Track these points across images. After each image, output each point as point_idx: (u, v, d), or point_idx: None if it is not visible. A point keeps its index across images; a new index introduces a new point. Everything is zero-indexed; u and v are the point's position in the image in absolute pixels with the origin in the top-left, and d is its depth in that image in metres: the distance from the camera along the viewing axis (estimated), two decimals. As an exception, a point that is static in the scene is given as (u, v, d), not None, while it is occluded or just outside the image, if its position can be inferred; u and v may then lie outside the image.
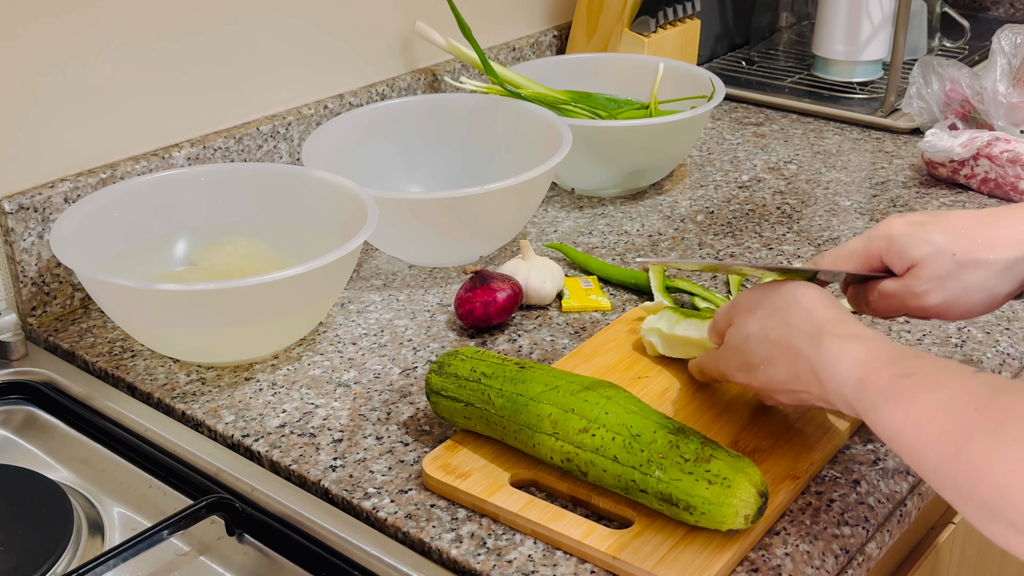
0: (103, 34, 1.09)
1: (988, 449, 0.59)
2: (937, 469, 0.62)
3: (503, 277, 1.05)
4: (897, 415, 0.66)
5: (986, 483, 0.58)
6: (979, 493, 0.59)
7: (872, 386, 0.69)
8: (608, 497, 0.80)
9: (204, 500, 0.82)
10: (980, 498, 0.59)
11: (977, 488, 0.59)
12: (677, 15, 1.57)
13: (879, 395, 0.68)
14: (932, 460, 0.62)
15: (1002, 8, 2.05)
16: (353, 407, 0.94)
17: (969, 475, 0.59)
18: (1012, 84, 1.37)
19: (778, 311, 0.79)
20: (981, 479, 0.58)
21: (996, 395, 0.61)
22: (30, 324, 1.07)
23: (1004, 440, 0.58)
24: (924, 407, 0.64)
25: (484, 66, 1.34)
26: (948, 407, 0.63)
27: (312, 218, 1.09)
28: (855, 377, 0.70)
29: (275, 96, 1.26)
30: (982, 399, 0.61)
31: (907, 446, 0.65)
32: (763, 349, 0.79)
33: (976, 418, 0.60)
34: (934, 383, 0.65)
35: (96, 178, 1.09)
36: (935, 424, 0.63)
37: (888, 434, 0.67)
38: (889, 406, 0.66)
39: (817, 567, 0.77)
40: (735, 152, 1.47)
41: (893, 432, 0.66)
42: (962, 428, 0.61)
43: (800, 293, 0.79)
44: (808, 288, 0.79)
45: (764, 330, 0.79)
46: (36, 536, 0.81)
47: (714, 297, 1.06)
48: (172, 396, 0.96)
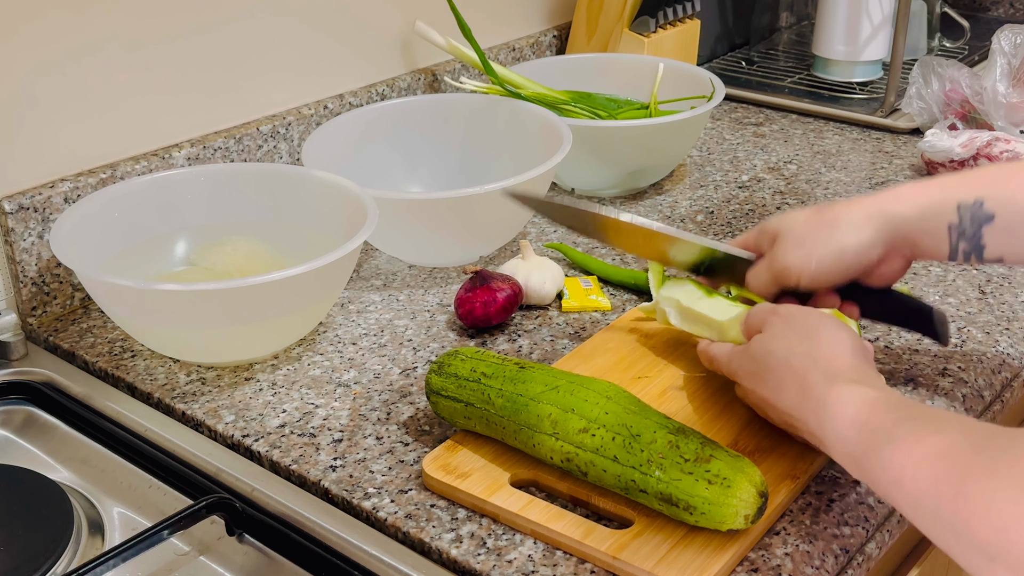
0: (103, 34, 1.09)
1: (986, 491, 0.58)
2: (936, 513, 0.62)
3: (503, 277, 1.05)
4: (898, 457, 0.65)
5: (984, 525, 0.58)
6: (977, 536, 0.58)
7: (877, 427, 0.69)
8: (608, 497, 0.80)
9: (204, 500, 0.82)
10: (978, 542, 0.58)
11: (975, 531, 0.58)
12: (677, 15, 1.57)
13: (883, 438, 0.67)
14: (930, 504, 0.62)
15: (1002, 8, 2.05)
16: (353, 407, 0.94)
17: (966, 518, 0.59)
18: (1012, 84, 1.37)
19: (807, 340, 0.79)
20: (979, 521, 0.58)
21: (995, 438, 0.61)
22: (30, 324, 1.07)
23: (1001, 482, 0.58)
24: (925, 450, 0.64)
25: (484, 66, 1.34)
26: (948, 451, 0.62)
27: (312, 218, 1.09)
28: (861, 420, 0.70)
29: (275, 96, 1.27)
30: (980, 441, 0.61)
31: (906, 491, 0.64)
32: (780, 371, 0.80)
33: (975, 460, 0.60)
34: (937, 426, 0.65)
35: (96, 178, 1.09)
36: (934, 468, 0.62)
37: (888, 478, 0.66)
38: (891, 448, 0.66)
39: (817, 567, 0.77)
40: (735, 152, 1.47)
41: (892, 476, 0.65)
42: (961, 470, 0.60)
43: (834, 332, 0.80)
44: (845, 331, 0.80)
45: (788, 354, 0.79)
46: (36, 536, 0.81)
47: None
48: (172, 396, 0.96)
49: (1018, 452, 0.58)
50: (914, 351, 1.01)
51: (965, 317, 1.06)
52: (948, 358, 0.99)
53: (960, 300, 1.09)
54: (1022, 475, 0.57)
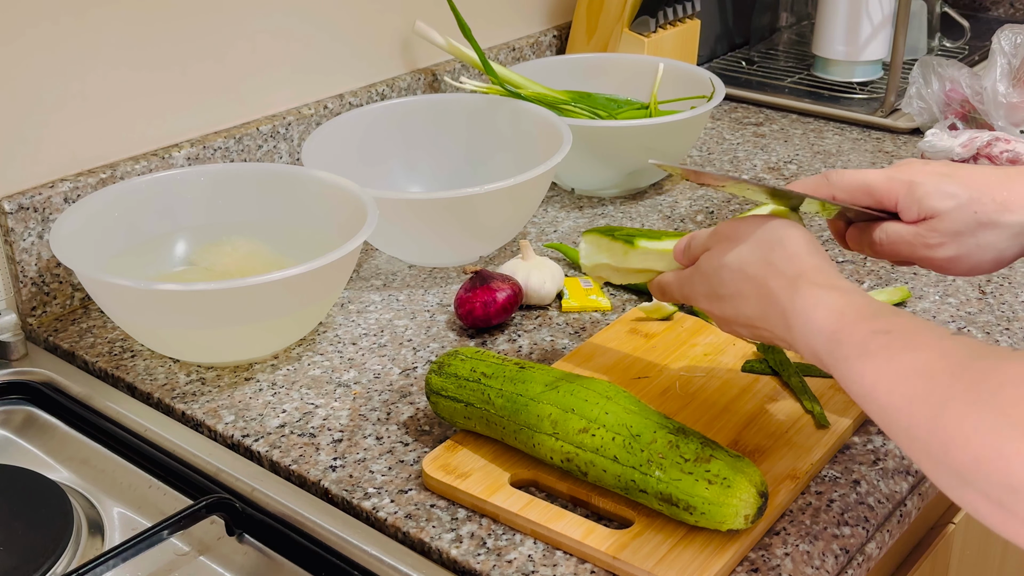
0: (103, 34, 1.09)
1: (964, 417, 0.57)
2: (908, 432, 0.60)
3: (503, 277, 1.05)
4: (869, 372, 0.63)
5: (961, 452, 0.56)
6: (953, 461, 0.57)
7: (846, 339, 0.66)
8: (608, 497, 0.80)
9: (204, 500, 0.82)
10: (954, 466, 0.57)
11: (951, 456, 0.57)
12: (677, 15, 1.57)
13: (853, 350, 0.66)
14: (904, 422, 0.61)
15: (1002, 8, 2.05)
16: (353, 407, 0.94)
17: (943, 442, 0.57)
18: (1012, 84, 1.37)
19: (760, 247, 0.76)
20: (956, 448, 0.57)
21: (974, 360, 0.59)
22: (30, 324, 1.07)
23: (981, 410, 0.56)
24: (899, 367, 0.62)
25: (484, 66, 1.34)
26: (924, 370, 0.60)
27: (312, 218, 1.09)
28: (829, 328, 0.68)
29: (275, 96, 1.26)
30: (959, 364, 0.59)
31: (879, 405, 0.63)
32: (736, 282, 0.77)
33: (953, 384, 0.58)
34: (911, 343, 0.63)
35: (96, 178, 1.09)
36: (909, 386, 0.61)
37: (859, 391, 0.64)
38: (861, 362, 0.64)
39: (817, 567, 0.77)
40: (735, 152, 1.47)
41: (864, 389, 0.64)
42: (937, 393, 0.59)
43: (786, 233, 0.76)
44: (795, 229, 0.77)
45: (741, 263, 0.76)
46: (36, 536, 0.81)
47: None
48: (172, 396, 0.96)
49: (1000, 380, 0.57)
50: (914, 351, 1.01)
51: (965, 317, 1.06)
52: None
53: (960, 300, 1.09)
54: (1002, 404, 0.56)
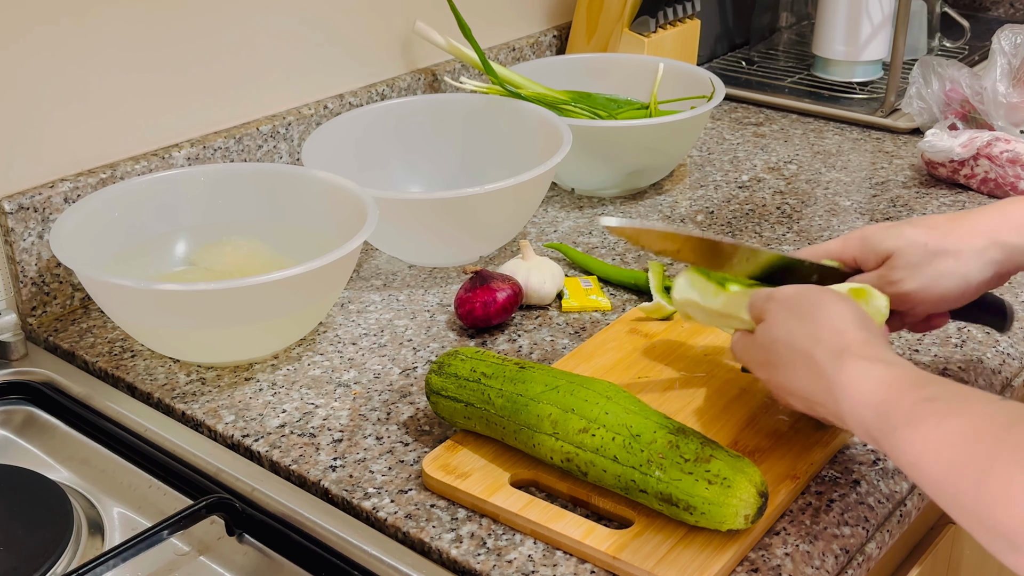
0: (103, 35, 1.09)
1: (1009, 480, 0.57)
2: (956, 499, 0.61)
3: (503, 277, 1.05)
4: (917, 440, 0.64)
5: (1007, 515, 0.57)
6: (1000, 526, 0.57)
7: (894, 409, 0.67)
8: (608, 497, 0.80)
9: (204, 500, 0.82)
10: (1001, 530, 0.57)
11: (998, 520, 0.57)
12: (677, 15, 1.57)
13: (900, 419, 0.66)
14: (951, 490, 0.61)
15: (1002, 8, 2.04)
16: (353, 407, 0.94)
17: (989, 506, 0.58)
18: (1012, 84, 1.37)
19: (808, 320, 0.77)
20: (1002, 511, 0.57)
21: (1018, 423, 0.60)
22: (30, 324, 1.07)
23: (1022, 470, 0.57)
24: (945, 433, 0.62)
25: (484, 66, 1.34)
26: (969, 434, 0.61)
27: (312, 218, 1.09)
28: (876, 400, 0.69)
29: (275, 96, 1.26)
30: (1004, 428, 0.60)
31: (925, 474, 0.63)
32: (787, 354, 0.78)
33: (997, 448, 0.59)
34: (957, 409, 0.63)
35: (96, 178, 1.09)
36: (955, 452, 0.61)
37: (907, 460, 0.65)
38: (909, 430, 0.65)
39: (817, 567, 0.77)
40: (735, 152, 1.47)
41: (912, 459, 0.64)
42: (982, 457, 0.59)
43: (835, 307, 0.77)
44: (844, 303, 0.78)
45: (791, 336, 0.78)
46: (36, 536, 0.81)
47: None
48: (172, 396, 0.96)
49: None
50: (914, 351, 1.01)
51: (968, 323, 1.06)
52: (948, 358, 1.00)
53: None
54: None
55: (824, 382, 0.74)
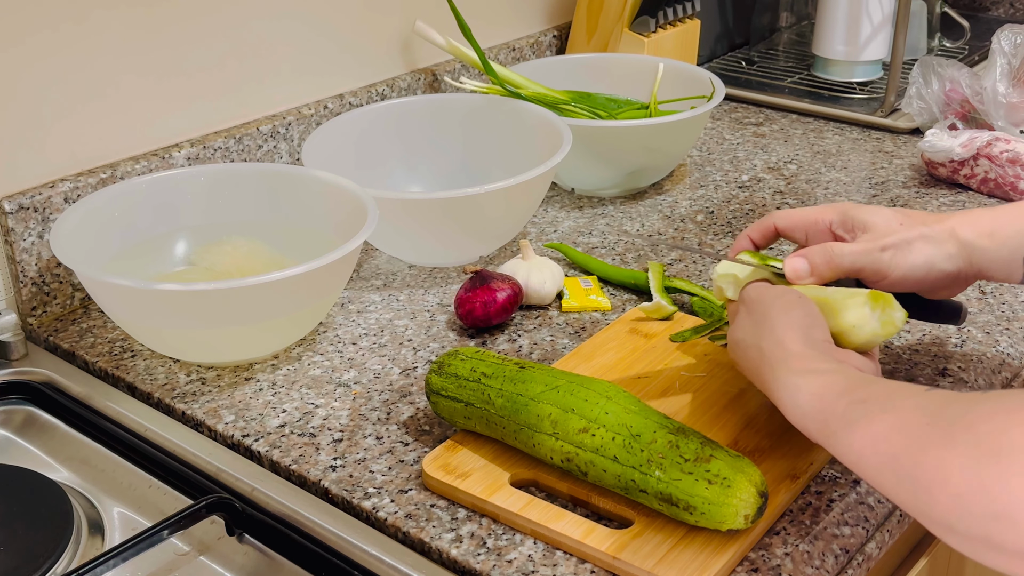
0: (104, 35, 1.09)
1: (942, 460, 0.59)
2: (897, 488, 0.63)
3: (503, 277, 1.05)
4: (856, 440, 0.66)
5: (943, 495, 0.58)
6: (938, 506, 0.59)
7: (831, 416, 0.70)
8: (608, 497, 0.80)
9: (204, 500, 0.82)
10: (939, 511, 0.59)
11: (936, 500, 0.59)
12: (677, 15, 1.57)
13: (837, 424, 0.69)
14: (891, 480, 0.63)
15: (1002, 8, 2.05)
16: (353, 407, 0.94)
17: (927, 489, 0.60)
18: (1012, 84, 1.37)
19: (757, 331, 0.80)
20: (938, 491, 0.59)
21: (946, 407, 0.62)
22: (30, 324, 1.07)
23: (956, 449, 0.58)
24: (879, 429, 0.65)
25: (484, 66, 1.34)
26: (901, 426, 0.63)
27: (312, 218, 1.09)
28: (814, 411, 0.71)
29: (275, 96, 1.27)
30: (933, 415, 0.62)
31: (869, 469, 0.65)
32: (745, 360, 0.82)
33: (928, 432, 0.61)
34: (887, 405, 0.66)
35: (96, 178, 1.09)
36: (891, 444, 0.63)
37: (851, 461, 0.67)
38: (847, 433, 0.67)
39: (817, 567, 0.77)
40: (735, 152, 1.47)
41: (855, 458, 0.67)
42: (916, 445, 0.61)
43: (781, 317, 0.79)
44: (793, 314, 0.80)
45: (745, 345, 0.82)
46: (36, 536, 0.81)
47: (713, 296, 1.06)
48: (172, 396, 0.96)
49: (972, 419, 0.59)
50: (914, 351, 1.01)
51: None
52: (948, 358, 1.00)
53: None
54: (976, 440, 0.58)
55: (770, 392, 0.77)
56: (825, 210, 0.91)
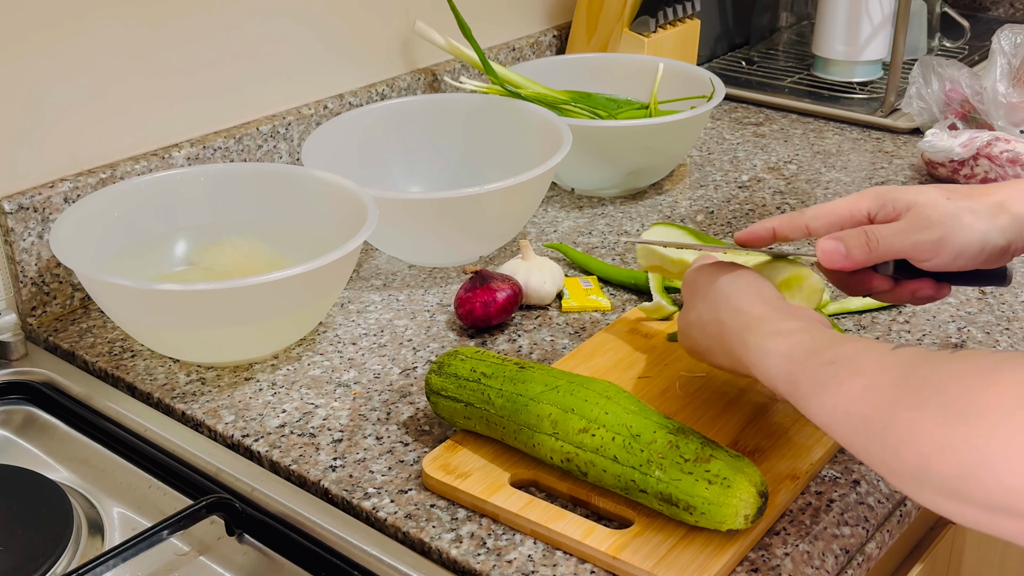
0: (103, 35, 1.09)
1: (912, 420, 0.59)
2: (867, 450, 0.63)
3: (503, 277, 1.05)
4: (826, 403, 0.67)
5: (912, 453, 0.59)
6: (906, 465, 0.59)
7: (800, 379, 0.70)
8: (608, 497, 0.80)
9: (204, 500, 0.82)
10: (908, 470, 0.59)
11: (904, 460, 0.60)
12: (677, 15, 1.57)
13: (808, 386, 0.69)
14: (862, 442, 0.63)
15: (1002, 8, 2.05)
16: (353, 407, 0.94)
17: (896, 449, 0.60)
18: (1012, 84, 1.37)
19: (711, 303, 0.81)
20: (907, 450, 0.59)
21: (916, 368, 0.62)
22: (30, 324, 1.07)
23: (926, 410, 0.59)
24: (849, 391, 0.65)
25: (484, 66, 1.34)
26: (871, 387, 0.63)
27: (312, 218, 1.09)
28: (783, 373, 0.72)
29: (275, 96, 1.26)
30: (902, 375, 0.62)
31: (840, 429, 0.66)
32: (704, 340, 0.82)
33: (898, 393, 0.61)
34: (856, 367, 0.66)
35: (96, 178, 1.09)
36: (861, 406, 0.64)
37: (823, 422, 0.68)
38: (818, 396, 0.67)
39: (817, 567, 0.77)
40: (735, 152, 1.47)
41: (827, 419, 0.67)
42: (886, 406, 0.62)
43: (731, 287, 0.80)
44: (740, 280, 0.80)
45: (701, 321, 0.82)
46: (36, 536, 0.81)
47: None
48: (172, 396, 0.96)
49: (941, 379, 0.59)
50: (914, 351, 1.01)
51: (965, 317, 1.06)
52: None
53: (960, 300, 1.09)
54: (946, 400, 0.58)
55: (740, 362, 0.77)
56: (860, 199, 0.85)
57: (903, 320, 1.05)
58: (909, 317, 1.06)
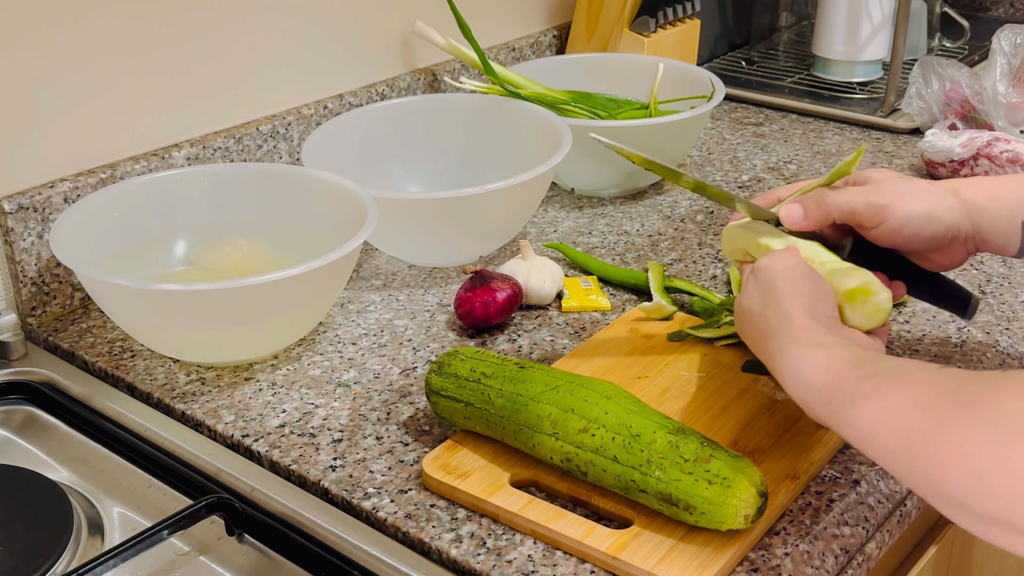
0: (103, 35, 1.09)
1: (962, 437, 0.57)
2: (908, 466, 0.61)
3: (503, 277, 1.05)
4: (864, 415, 0.65)
5: (961, 472, 0.57)
6: (952, 485, 0.57)
7: (837, 390, 0.68)
8: (608, 497, 0.80)
9: (204, 500, 0.82)
10: (953, 491, 0.57)
11: (951, 479, 0.57)
12: (677, 15, 1.57)
13: (845, 398, 0.67)
14: (903, 457, 0.61)
15: (1002, 8, 2.05)
16: (353, 407, 0.94)
17: (941, 466, 0.58)
18: (1012, 84, 1.37)
19: (765, 298, 0.79)
20: (956, 469, 0.57)
21: (965, 386, 0.60)
22: (30, 324, 1.07)
23: (978, 427, 0.56)
24: (892, 404, 0.63)
25: (484, 66, 1.34)
26: (917, 402, 0.61)
27: (312, 218, 1.09)
28: (819, 383, 0.70)
29: (275, 96, 1.26)
30: (951, 391, 0.60)
31: (877, 445, 0.64)
32: (749, 330, 0.81)
33: (945, 410, 0.59)
34: (900, 381, 0.64)
35: (96, 178, 1.09)
36: (904, 420, 0.62)
37: (857, 435, 0.66)
38: (855, 407, 0.66)
39: (817, 567, 0.77)
40: (735, 152, 1.47)
41: (862, 433, 0.65)
42: (932, 420, 0.59)
43: (789, 290, 0.78)
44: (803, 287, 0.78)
45: (751, 315, 0.81)
46: (36, 536, 0.81)
47: (713, 296, 1.06)
48: (172, 396, 0.96)
49: (994, 395, 0.57)
50: (914, 351, 1.01)
51: (965, 317, 1.06)
52: (948, 358, 1.00)
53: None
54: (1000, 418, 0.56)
55: (773, 364, 0.76)
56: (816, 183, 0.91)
57: (903, 320, 1.05)
58: (909, 317, 1.06)
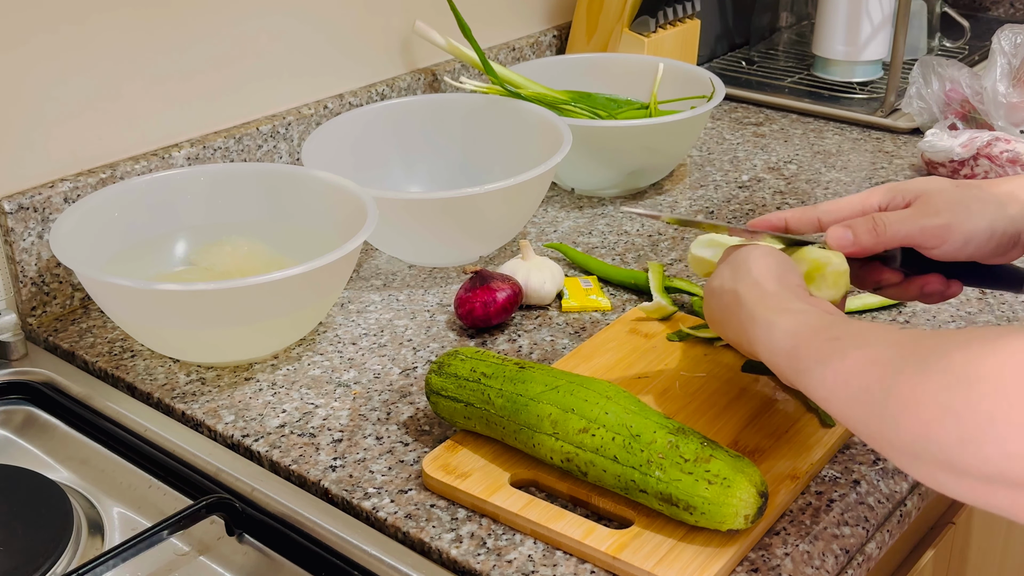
0: (103, 35, 1.09)
1: (913, 386, 0.58)
2: (865, 422, 0.62)
3: (503, 277, 1.05)
4: (828, 376, 0.66)
5: (912, 421, 0.58)
6: (906, 434, 0.58)
7: (804, 353, 0.70)
8: (608, 497, 0.80)
9: (204, 500, 0.82)
10: (907, 439, 0.58)
11: (903, 428, 0.58)
12: (677, 15, 1.57)
13: (810, 360, 0.69)
14: (861, 412, 0.63)
15: (1002, 8, 2.05)
16: (353, 407, 0.94)
17: (895, 417, 0.59)
18: (1012, 84, 1.37)
19: (734, 273, 0.81)
20: (907, 418, 0.58)
21: (921, 340, 0.61)
22: (30, 324, 1.07)
23: (929, 375, 0.58)
24: (852, 363, 0.64)
25: (484, 66, 1.34)
26: (875, 359, 0.63)
27: (312, 218, 1.09)
28: (787, 347, 0.72)
29: (275, 96, 1.26)
30: (907, 347, 0.62)
31: (839, 401, 0.65)
32: (719, 308, 0.82)
33: (902, 362, 0.60)
34: (860, 341, 0.66)
35: (96, 178, 1.09)
36: (863, 376, 0.63)
37: (822, 395, 0.67)
38: (819, 368, 0.67)
39: (817, 567, 0.77)
40: (735, 152, 1.47)
41: (826, 392, 0.67)
42: (888, 374, 0.61)
43: (755, 262, 0.80)
44: (765, 258, 0.81)
45: (721, 291, 0.82)
46: (36, 536, 0.81)
47: None
48: (172, 396, 0.96)
49: (946, 348, 0.58)
50: (914, 351, 1.01)
51: (965, 317, 1.06)
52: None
53: (960, 300, 1.09)
54: (949, 367, 0.57)
55: (745, 335, 0.78)
56: (872, 194, 0.87)
57: (903, 320, 1.05)
58: (909, 317, 1.06)
